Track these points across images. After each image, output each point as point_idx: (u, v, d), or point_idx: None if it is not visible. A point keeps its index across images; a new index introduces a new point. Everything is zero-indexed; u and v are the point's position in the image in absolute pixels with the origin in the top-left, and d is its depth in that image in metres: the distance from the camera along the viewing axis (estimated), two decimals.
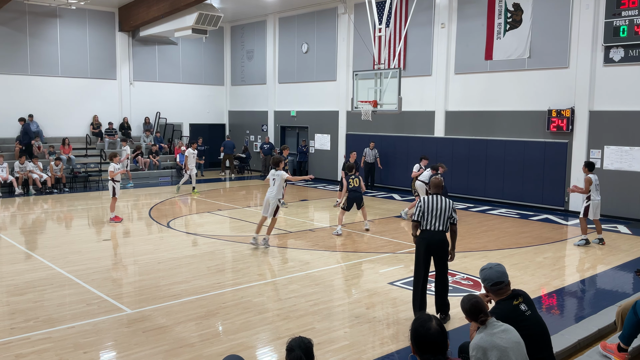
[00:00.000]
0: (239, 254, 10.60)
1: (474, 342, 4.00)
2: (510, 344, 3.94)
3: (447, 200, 7.06)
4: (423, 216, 7.00)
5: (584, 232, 11.65)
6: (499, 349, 3.88)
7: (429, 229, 6.97)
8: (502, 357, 3.86)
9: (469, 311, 4.13)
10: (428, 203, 6.99)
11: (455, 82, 18.06)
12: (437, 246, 6.94)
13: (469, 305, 4.15)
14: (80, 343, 6.25)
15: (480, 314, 4.09)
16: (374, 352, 6.11)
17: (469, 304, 4.15)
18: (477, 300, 4.19)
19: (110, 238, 11.98)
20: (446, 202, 7.01)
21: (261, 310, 7.42)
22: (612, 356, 5.53)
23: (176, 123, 25.45)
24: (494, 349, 3.88)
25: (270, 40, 24.52)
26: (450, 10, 17.92)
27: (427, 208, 6.98)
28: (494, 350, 3.87)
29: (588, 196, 11.54)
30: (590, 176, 11.49)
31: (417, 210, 7.08)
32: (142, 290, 8.30)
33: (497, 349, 3.88)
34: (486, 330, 4.01)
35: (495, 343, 3.91)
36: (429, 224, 6.96)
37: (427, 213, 6.96)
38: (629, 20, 13.98)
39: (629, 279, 9.27)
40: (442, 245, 6.97)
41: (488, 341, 3.93)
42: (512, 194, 16.66)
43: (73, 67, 22.38)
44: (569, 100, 15.41)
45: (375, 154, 19.42)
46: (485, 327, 4.04)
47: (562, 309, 8.00)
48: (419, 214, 7.04)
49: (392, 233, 12.54)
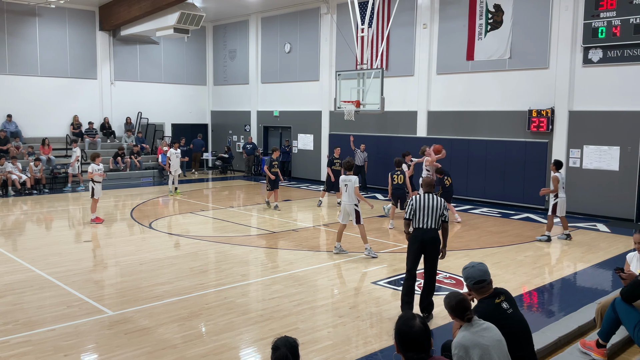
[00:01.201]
0: (222, 254, 10.55)
1: (456, 340, 4.03)
2: (492, 342, 3.99)
3: (439, 198, 7.18)
4: (415, 214, 7.12)
5: (549, 229, 11.96)
6: (480, 347, 3.92)
7: (421, 227, 7.08)
8: (484, 355, 3.90)
9: (455, 308, 4.15)
10: (419, 201, 7.10)
11: (437, 82, 18.18)
12: (430, 243, 7.05)
13: (455, 302, 4.17)
14: (60, 346, 6.17)
15: (466, 311, 4.12)
16: (357, 352, 6.12)
17: (455, 300, 4.18)
18: (463, 297, 4.23)
19: (91, 239, 11.86)
20: (437, 200, 7.13)
21: (245, 310, 7.40)
22: (592, 353, 5.62)
23: (158, 123, 25.27)
24: (476, 347, 3.92)
25: (252, 40, 24.46)
26: (432, 11, 18.03)
27: (418, 206, 7.09)
28: (475, 349, 3.91)
29: (556, 194, 11.79)
30: (557, 175, 11.76)
31: (409, 208, 7.19)
32: (124, 291, 8.23)
33: (479, 347, 3.92)
34: (468, 329, 4.05)
35: (477, 341, 3.95)
36: (420, 222, 7.07)
37: (419, 211, 7.08)
38: (607, 21, 14.19)
39: (608, 277, 9.41)
40: (434, 243, 7.08)
41: (470, 339, 3.96)
42: (494, 193, 16.82)
43: (53, 67, 22.12)
44: (549, 101, 15.60)
45: (364, 157, 18.99)
46: (469, 325, 4.07)
47: (543, 307, 8.10)
48: (411, 212, 7.16)
49: (375, 233, 12.58)
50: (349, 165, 10.48)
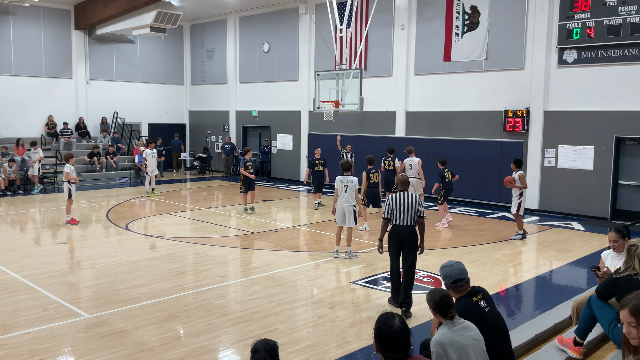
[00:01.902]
0: (200, 255, 10.47)
1: (435, 338, 4.06)
2: (470, 341, 4.02)
3: (415, 195, 7.45)
4: (392, 213, 7.35)
5: (521, 227, 12.15)
6: (458, 346, 3.95)
7: (398, 224, 7.34)
8: (462, 354, 3.93)
9: (439, 304, 4.17)
10: (396, 200, 7.36)
11: (415, 82, 18.29)
12: (407, 239, 7.31)
13: (439, 299, 4.18)
14: (36, 349, 6.07)
15: (449, 309, 4.14)
16: (337, 352, 6.13)
17: (440, 296, 4.20)
18: (447, 294, 4.26)
19: (67, 241, 11.68)
20: (413, 197, 7.39)
21: (223, 312, 7.35)
22: (569, 350, 5.70)
23: (134, 123, 24.99)
24: (454, 346, 3.95)
25: (231, 39, 24.33)
26: (410, 12, 18.13)
27: (395, 205, 7.34)
28: (453, 347, 3.94)
29: (521, 192, 11.94)
30: (522, 172, 12.01)
31: (386, 208, 7.36)
32: (100, 294, 8.11)
33: (457, 346, 3.95)
34: (448, 327, 4.08)
35: (456, 340, 3.98)
36: (398, 219, 7.34)
37: (396, 209, 7.33)
38: (582, 23, 14.42)
39: (583, 275, 9.56)
40: (412, 239, 7.34)
41: (449, 337, 3.99)
42: (471, 192, 16.97)
43: (27, 66, 21.74)
44: (524, 101, 15.80)
45: (351, 157, 18.33)
46: (449, 323, 4.10)
47: (520, 305, 8.20)
48: (388, 211, 7.33)
49: (353, 233, 12.59)
50: (348, 165, 10.35)
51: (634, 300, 3.36)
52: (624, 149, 14.47)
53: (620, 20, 13.79)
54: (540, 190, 15.66)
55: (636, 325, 3.31)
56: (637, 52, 13.74)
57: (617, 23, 13.83)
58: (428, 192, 16.03)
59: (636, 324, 3.31)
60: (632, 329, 3.33)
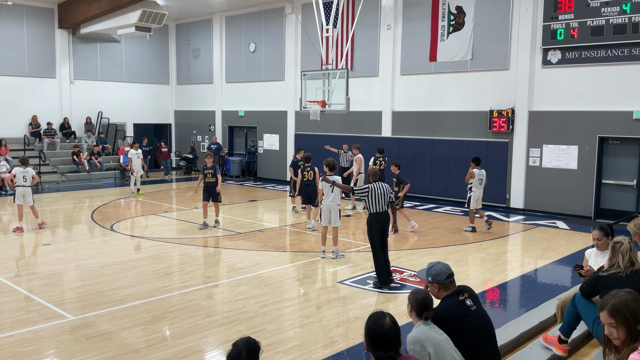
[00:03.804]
0: (186, 256, 10.42)
1: (412, 335, 4.12)
2: (443, 337, 4.15)
3: (386, 185, 8.72)
4: (372, 201, 8.49)
5: (472, 221, 12.91)
6: (434, 342, 4.05)
7: (379, 211, 8.53)
8: (438, 349, 4.01)
9: (422, 303, 4.22)
10: (375, 190, 8.53)
11: (401, 82, 18.35)
12: (386, 224, 8.60)
13: (422, 297, 4.24)
14: (19, 352, 6.00)
15: (428, 310, 4.21)
16: (324, 352, 6.13)
17: (422, 295, 4.26)
18: (430, 296, 4.31)
19: (51, 242, 11.55)
20: (386, 187, 8.65)
21: (210, 313, 7.32)
22: (554, 348, 5.74)
23: (119, 123, 24.79)
24: (431, 342, 4.04)
25: (216, 39, 24.24)
26: (396, 12, 18.19)
27: (374, 194, 8.51)
28: (430, 343, 4.03)
29: (470, 187, 12.69)
30: (475, 170, 12.68)
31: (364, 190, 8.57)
32: (85, 295, 8.04)
33: (433, 341, 4.05)
34: (421, 327, 4.16)
35: (432, 336, 4.09)
36: (378, 207, 8.51)
37: (375, 198, 8.50)
38: (566, 23, 14.56)
39: (567, 273, 9.65)
40: (388, 222, 8.67)
41: (425, 334, 4.09)
42: (456, 192, 17.04)
43: (10, 65, 21.47)
44: (509, 101, 15.92)
45: (348, 156, 17.58)
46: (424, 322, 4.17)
47: (505, 303, 8.26)
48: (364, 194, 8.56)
49: (340, 232, 12.60)
50: (333, 164, 10.31)
51: (611, 301, 3.35)
52: (607, 149, 14.63)
53: (604, 21, 13.94)
54: (525, 189, 15.78)
55: (617, 326, 3.31)
56: (619, 53, 13.90)
57: (600, 24, 13.99)
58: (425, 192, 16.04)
59: (616, 325, 3.31)
60: (613, 330, 3.34)
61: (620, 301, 3.32)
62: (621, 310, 3.28)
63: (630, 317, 3.27)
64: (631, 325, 3.26)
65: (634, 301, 3.33)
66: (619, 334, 3.29)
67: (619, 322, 3.28)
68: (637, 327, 3.26)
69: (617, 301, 3.33)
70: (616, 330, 3.29)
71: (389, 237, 8.84)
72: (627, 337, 3.26)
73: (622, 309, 3.28)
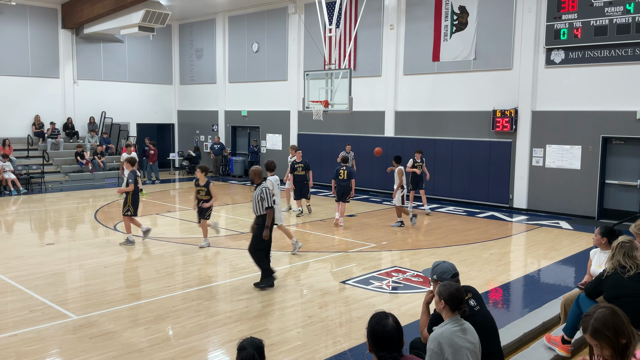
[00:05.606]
0: (189, 256, 10.43)
1: (433, 335, 3.96)
2: (467, 344, 3.94)
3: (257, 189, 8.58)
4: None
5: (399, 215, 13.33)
6: (454, 347, 3.88)
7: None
8: (457, 355, 3.87)
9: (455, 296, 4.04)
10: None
11: (404, 82, 18.33)
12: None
13: (455, 289, 4.07)
14: (23, 351, 6.01)
15: (463, 303, 4.07)
16: (327, 352, 6.12)
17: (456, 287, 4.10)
18: (461, 287, 4.19)
19: (54, 242, 11.57)
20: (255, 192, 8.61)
21: (213, 312, 7.32)
22: (557, 348, 5.74)
23: (123, 123, 24.83)
24: (450, 346, 3.88)
25: (220, 39, 24.25)
26: (399, 12, 18.18)
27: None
28: (449, 347, 3.88)
29: (402, 185, 13.01)
30: (401, 168, 13.15)
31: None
32: (88, 295, 8.05)
33: (453, 347, 3.88)
34: (449, 325, 4.02)
35: (453, 341, 3.89)
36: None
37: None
38: (569, 23, 14.53)
39: (571, 273, 9.63)
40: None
41: (447, 337, 3.91)
42: (459, 192, 17.05)
43: (13, 65, 21.52)
44: (512, 101, 15.89)
45: (352, 156, 17.53)
46: (451, 321, 4.04)
47: (508, 303, 8.24)
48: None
49: (343, 232, 12.61)
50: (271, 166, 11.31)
51: (591, 322, 3.27)
52: (610, 149, 14.60)
53: (607, 21, 13.91)
54: (529, 189, 15.76)
55: (600, 347, 3.26)
56: (623, 53, 13.87)
57: (604, 24, 13.96)
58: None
59: (600, 346, 3.27)
60: (599, 350, 3.29)
61: (598, 321, 3.24)
62: (601, 331, 3.21)
63: (611, 335, 3.20)
64: (614, 343, 3.20)
65: (612, 316, 3.25)
66: (603, 353, 3.26)
67: (602, 343, 3.23)
68: (620, 341, 3.21)
69: (596, 322, 3.24)
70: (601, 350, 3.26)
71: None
72: (613, 354, 3.23)
73: (601, 330, 3.21)
